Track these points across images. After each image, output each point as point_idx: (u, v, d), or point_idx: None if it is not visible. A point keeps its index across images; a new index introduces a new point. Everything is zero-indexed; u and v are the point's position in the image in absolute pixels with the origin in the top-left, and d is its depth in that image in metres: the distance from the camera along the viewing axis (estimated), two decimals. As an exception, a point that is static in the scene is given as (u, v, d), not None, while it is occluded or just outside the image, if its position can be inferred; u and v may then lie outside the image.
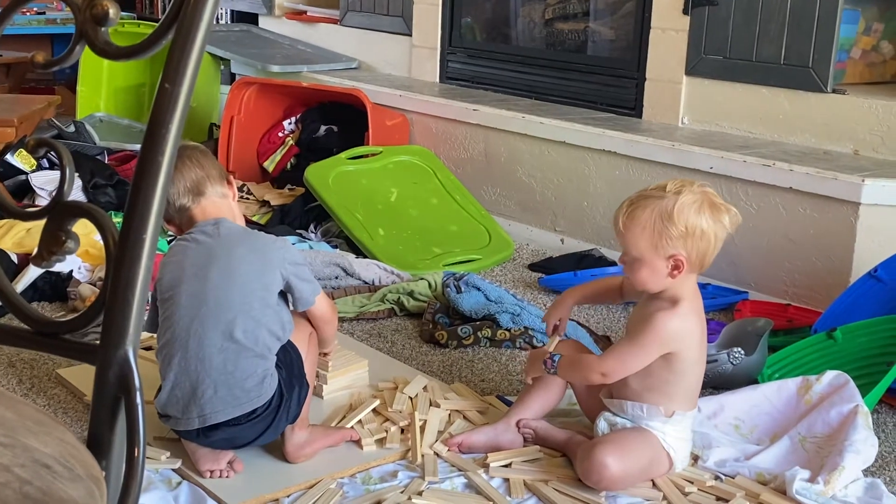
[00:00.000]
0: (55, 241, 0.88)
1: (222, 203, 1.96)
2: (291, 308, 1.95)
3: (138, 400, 0.86)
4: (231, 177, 2.02)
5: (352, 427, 2.06)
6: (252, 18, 5.28)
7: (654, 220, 1.82)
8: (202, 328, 1.82)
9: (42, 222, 0.92)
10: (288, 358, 1.90)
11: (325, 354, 2.20)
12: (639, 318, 1.91)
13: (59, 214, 0.89)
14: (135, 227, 0.84)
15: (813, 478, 1.89)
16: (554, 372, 1.98)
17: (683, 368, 1.88)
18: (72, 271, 2.85)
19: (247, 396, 1.82)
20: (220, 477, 1.88)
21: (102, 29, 0.87)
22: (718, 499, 1.89)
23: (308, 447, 1.96)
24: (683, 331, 1.86)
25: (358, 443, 2.02)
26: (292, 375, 1.89)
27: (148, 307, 2.63)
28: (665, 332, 1.85)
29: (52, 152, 0.94)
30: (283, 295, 1.92)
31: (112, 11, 0.87)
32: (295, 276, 1.90)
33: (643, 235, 1.83)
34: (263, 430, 1.87)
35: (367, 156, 3.71)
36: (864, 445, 1.94)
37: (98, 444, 0.87)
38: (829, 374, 2.11)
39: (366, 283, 2.99)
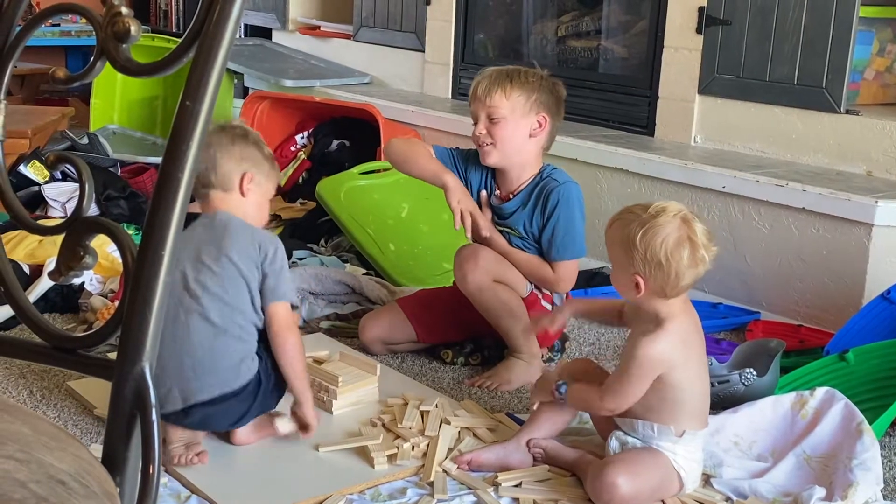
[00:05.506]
0: (73, 257, 0.88)
1: (228, 199, 2.02)
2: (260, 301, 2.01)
3: (154, 416, 0.86)
4: (247, 174, 2.02)
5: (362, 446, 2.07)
6: (266, 33, 5.30)
7: (623, 237, 1.85)
8: (184, 312, 1.92)
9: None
10: (270, 351, 1.98)
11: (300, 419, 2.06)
12: (629, 342, 1.92)
13: (78, 230, 0.89)
14: (154, 244, 0.84)
15: (828, 496, 1.89)
16: (563, 401, 2.00)
17: (680, 387, 1.87)
18: (83, 283, 2.85)
19: (223, 377, 1.92)
20: (187, 463, 1.94)
21: (124, 46, 0.87)
22: (729, 521, 1.88)
23: (255, 434, 2.05)
24: (668, 352, 1.85)
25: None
26: (274, 365, 1.97)
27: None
28: (649, 358, 1.84)
29: (67, 164, 0.94)
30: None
31: (133, 28, 0.87)
32: (273, 274, 1.97)
33: (614, 250, 1.90)
34: (241, 414, 1.97)
35: (378, 171, 3.71)
36: (873, 462, 1.94)
37: (113, 461, 0.86)
38: (821, 390, 2.13)
39: (373, 302, 2.98)
